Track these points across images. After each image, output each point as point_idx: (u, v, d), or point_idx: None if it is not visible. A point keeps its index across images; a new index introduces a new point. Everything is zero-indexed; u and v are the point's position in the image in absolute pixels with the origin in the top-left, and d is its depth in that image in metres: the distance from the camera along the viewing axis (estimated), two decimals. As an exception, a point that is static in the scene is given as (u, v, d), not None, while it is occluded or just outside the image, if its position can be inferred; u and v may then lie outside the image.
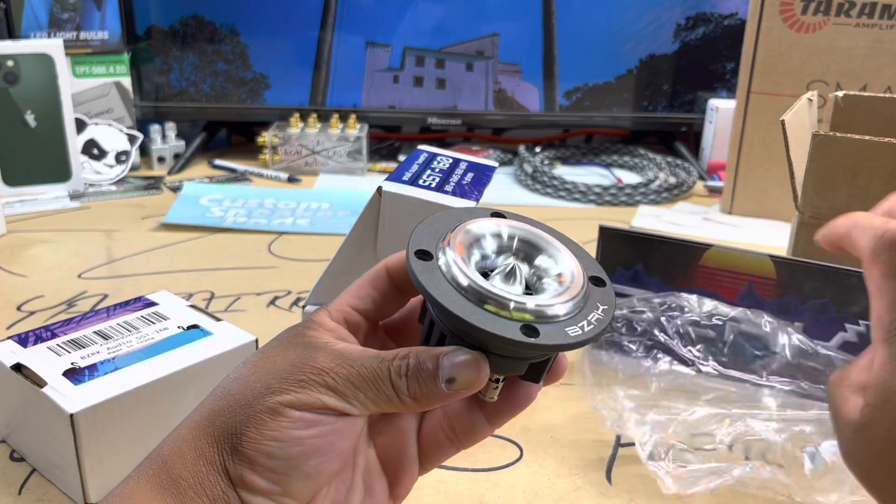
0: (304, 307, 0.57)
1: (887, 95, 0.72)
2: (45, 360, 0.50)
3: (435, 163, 0.58)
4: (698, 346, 0.57)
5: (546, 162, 1.26)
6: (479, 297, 0.29)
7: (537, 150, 1.30)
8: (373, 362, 0.30)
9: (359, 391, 0.30)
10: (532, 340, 0.29)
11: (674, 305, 0.58)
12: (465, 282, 0.30)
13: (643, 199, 1.10)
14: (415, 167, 0.56)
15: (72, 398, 0.46)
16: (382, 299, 0.34)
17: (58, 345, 0.52)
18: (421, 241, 0.32)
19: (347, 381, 0.30)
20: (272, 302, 0.76)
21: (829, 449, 0.48)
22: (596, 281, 0.32)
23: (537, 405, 0.42)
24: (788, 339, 0.54)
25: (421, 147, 0.61)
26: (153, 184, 1.15)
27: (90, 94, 1.21)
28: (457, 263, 0.30)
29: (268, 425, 0.29)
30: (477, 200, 0.52)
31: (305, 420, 0.29)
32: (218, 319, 0.56)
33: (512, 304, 0.29)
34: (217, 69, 1.26)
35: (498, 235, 0.33)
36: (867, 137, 0.60)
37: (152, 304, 0.58)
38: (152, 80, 1.26)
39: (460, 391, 0.30)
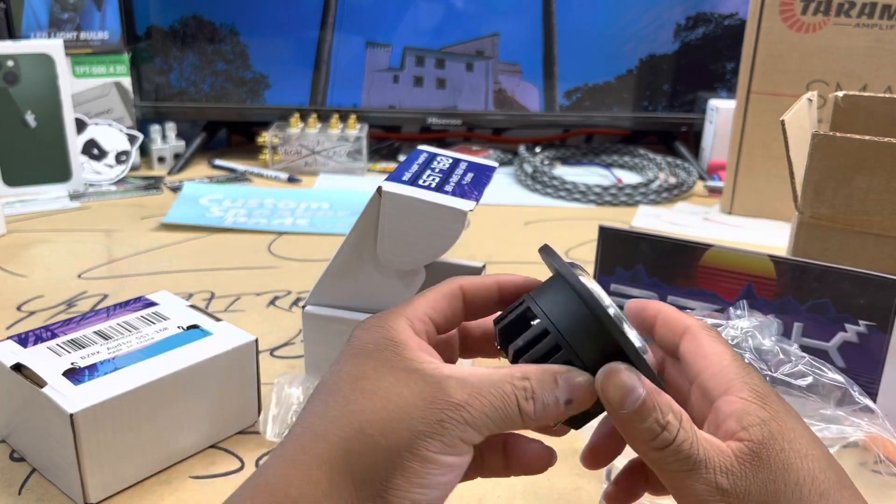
0: (303, 307, 0.57)
1: (887, 95, 0.72)
2: (45, 360, 0.50)
3: (435, 163, 0.58)
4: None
5: (546, 162, 1.26)
6: (619, 318, 0.31)
7: (537, 150, 1.30)
8: (499, 389, 0.30)
9: (490, 420, 0.29)
10: (652, 372, 0.31)
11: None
12: (607, 301, 0.31)
13: (643, 199, 1.10)
14: (415, 167, 0.56)
15: (72, 398, 0.46)
16: (452, 316, 0.34)
17: (58, 345, 0.52)
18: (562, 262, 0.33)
19: (482, 413, 0.29)
20: (272, 302, 0.76)
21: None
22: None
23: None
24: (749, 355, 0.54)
25: (421, 147, 0.61)
26: (153, 184, 1.15)
27: (90, 94, 1.21)
28: (598, 287, 0.32)
29: (416, 472, 0.28)
30: (477, 200, 0.52)
31: (451, 465, 0.29)
32: (218, 319, 0.56)
33: (638, 338, 0.32)
34: (217, 69, 1.26)
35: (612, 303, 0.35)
36: (867, 137, 0.60)
37: (152, 304, 0.58)
38: (152, 80, 1.27)
39: (572, 412, 0.31)
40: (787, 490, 0.29)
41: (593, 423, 0.35)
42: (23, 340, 0.52)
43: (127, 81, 1.22)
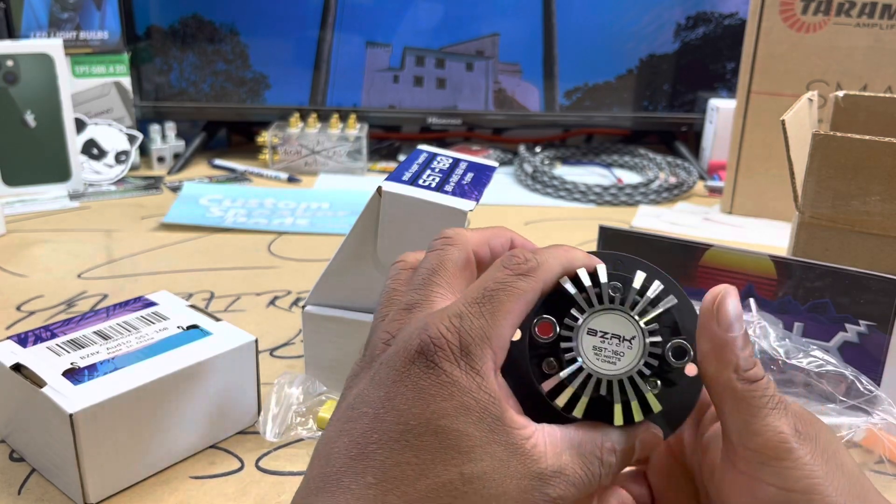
0: (303, 307, 0.57)
1: (887, 95, 0.72)
2: (45, 360, 0.50)
3: (435, 163, 0.57)
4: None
5: (546, 162, 1.26)
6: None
7: (537, 149, 1.30)
8: (588, 470, 0.28)
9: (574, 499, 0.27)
10: None
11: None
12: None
13: (643, 199, 1.10)
14: (415, 167, 0.56)
15: (71, 398, 0.46)
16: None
17: (57, 345, 0.52)
18: None
19: (571, 499, 0.27)
20: (272, 302, 0.76)
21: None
22: None
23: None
24: (759, 345, 0.54)
25: (421, 147, 0.61)
26: (153, 184, 1.15)
27: (90, 93, 1.21)
28: None
29: None
30: (477, 200, 0.52)
31: None
32: (218, 319, 0.56)
33: None
34: (217, 69, 1.26)
35: None
36: (867, 137, 0.60)
37: (152, 304, 0.58)
38: (152, 79, 1.26)
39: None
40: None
41: None
42: (22, 340, 0.52)
43: (127, 81, 1.22)
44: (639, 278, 0.29)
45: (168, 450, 0.51)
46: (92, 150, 1.16)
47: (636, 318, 0.28)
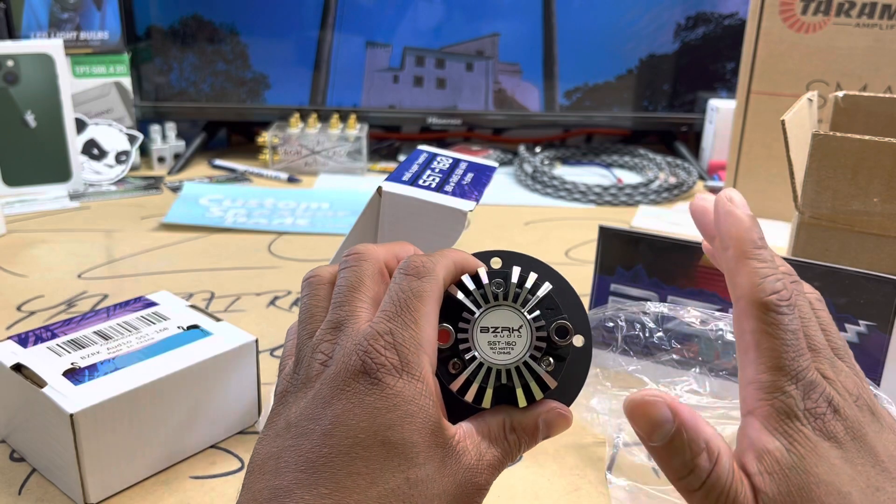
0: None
1: (887, 95, 0.72)
2: (45, 361, 0.50)
3: (435, 163, 0.57)
4: (693, 349, 0.57)
5: (546, 162, 1.26)
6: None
7: (537, 150, 1.30)
8: (497, 457, 0.30)
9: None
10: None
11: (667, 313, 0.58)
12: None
13: (643, 199, 1.10)
14: (415, 167, 0.56)
15: (72, 398, 0.46)
16: None
17: (58, 345, 0.52)
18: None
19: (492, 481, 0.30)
20: (272, 302, 0.76)
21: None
22: None
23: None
24: None
25: (421, 147, 0.61)
26: (153, 184, 1.15)
27: (90, 94, 1.21)
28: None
29: None
30: (477, 200, 0.52)
31: None
32: (218, 319, 0.56)
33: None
34: (217, 69, 1.26)
35: None
36: (867, 137, 0.60)
37: (152, 304, 0.58)
38: (152, 80, 1.26)
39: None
40: None
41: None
42: (23, 340, 0.52)
43: (127, 81, 1.22)
44: (515, 272, 0.32)
45: (168, 450, 0.51)
46: (92, 150, 1.16)
47: (519, 308, 0.31)
